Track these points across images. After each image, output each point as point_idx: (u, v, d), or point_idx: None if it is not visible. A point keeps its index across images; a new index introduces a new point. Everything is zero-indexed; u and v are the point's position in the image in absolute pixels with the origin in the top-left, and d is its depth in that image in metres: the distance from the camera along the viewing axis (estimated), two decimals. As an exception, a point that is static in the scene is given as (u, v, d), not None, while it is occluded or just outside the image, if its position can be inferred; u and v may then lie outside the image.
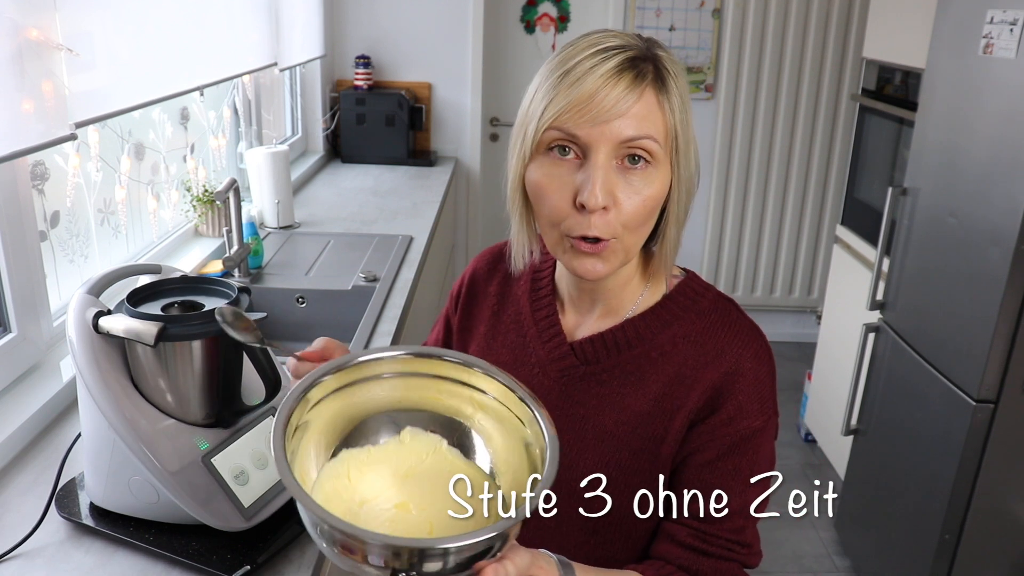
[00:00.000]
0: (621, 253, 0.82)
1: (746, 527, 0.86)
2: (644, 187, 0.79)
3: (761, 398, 0.86)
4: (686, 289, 0.90)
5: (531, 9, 3.89)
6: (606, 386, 0.89)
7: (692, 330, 0.88)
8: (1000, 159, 1.85)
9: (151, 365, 1.06)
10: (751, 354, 0.86)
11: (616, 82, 0.77)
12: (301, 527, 1.14)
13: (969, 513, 1.99)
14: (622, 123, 0.77)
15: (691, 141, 0.82)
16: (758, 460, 0.86)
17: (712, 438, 0.85)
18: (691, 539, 0.86)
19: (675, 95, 0.80)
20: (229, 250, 2.03)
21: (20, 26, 1.24)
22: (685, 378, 0.86)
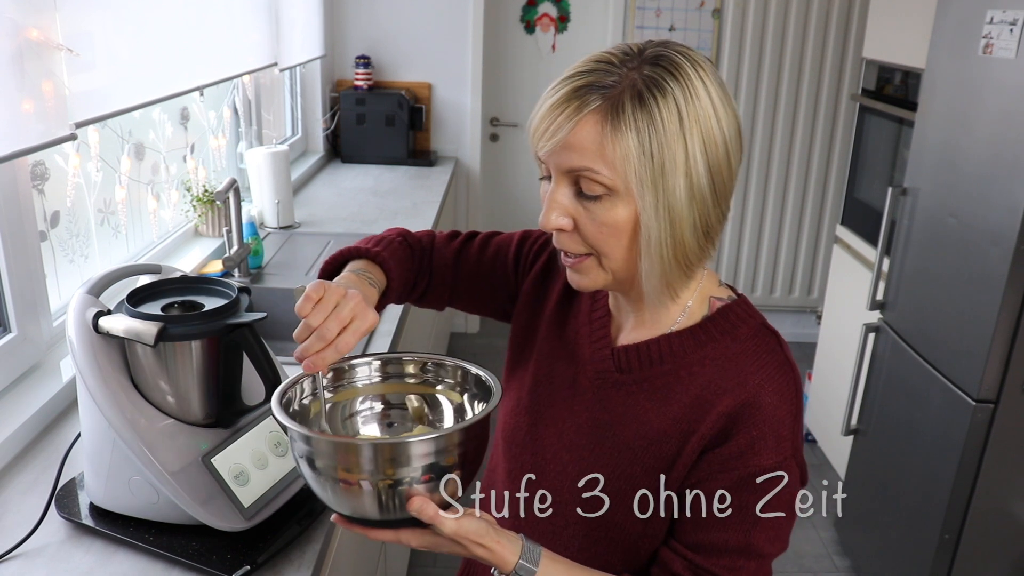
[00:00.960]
0: (600, 271, 0.83)
1: (744, 568, 0.83)
2: (601, 214, 0.79)
3: (778, 437, 0.82)
4: (729, 313, 0.88)
5: (531, 9, 3.89)
6: (633, 397, 0.89)
7: (723, 354, 0.85)
8: (1000, 159, 1.85)
9: (151, 365, 1.06)
10: (773, 389, 0.83)
11: (556, 112, 0.78)
12: (301, 527, 1.14)
13: (969, 513, 1.99)
14: (562, 154, 0.78)
15: (673, 169, 0.76)
16: (772, 503, 0.82)
17: (722, 469, 0.82)
18: (682, 570, 0.84)
19: (639, 122, 0.75)
20: (229, 250, 2.03)
21: (20, 26, 1.24)
22: (704, 402, 0.84)
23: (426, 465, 0.77)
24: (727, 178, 0.81)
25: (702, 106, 0.77)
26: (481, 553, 0.80)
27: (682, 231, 0.79)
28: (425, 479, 0.77)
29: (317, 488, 0.81)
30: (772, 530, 0.83)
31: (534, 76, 3.98)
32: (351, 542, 1.43)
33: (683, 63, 0.78)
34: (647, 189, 0.77)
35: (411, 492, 0.77)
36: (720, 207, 0.81)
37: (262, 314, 1.08)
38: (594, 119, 0.76)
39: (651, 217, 0.78)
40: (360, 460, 0.77)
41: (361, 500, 0.78)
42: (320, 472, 0.79)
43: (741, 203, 4.01)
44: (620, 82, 0.77)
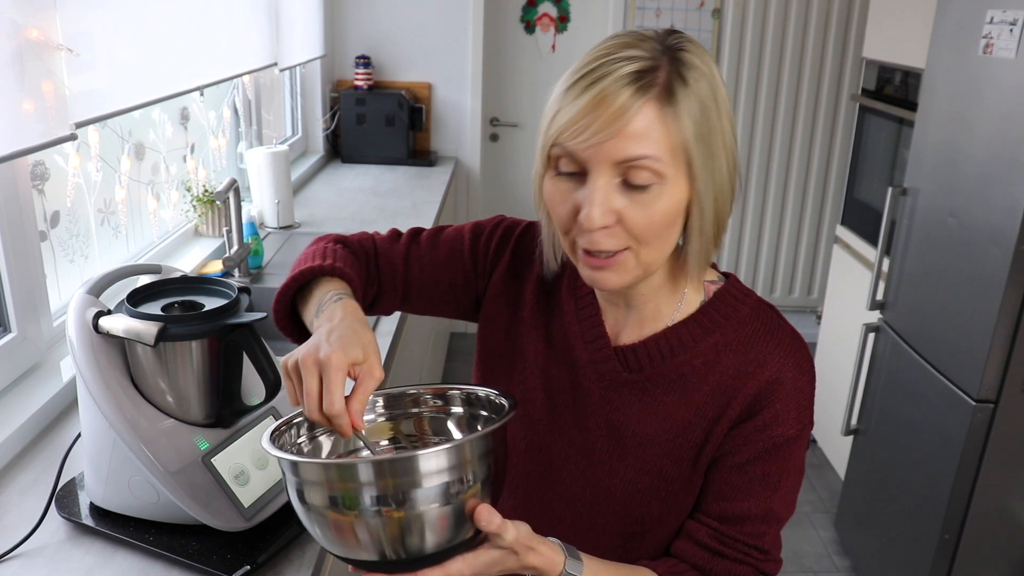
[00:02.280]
0: (636, 266, 0.80)
1: (766, 533, 0.86)
2: (651, 203, 0.76)
3: (799, 407, 0.85)
4: (726, 296, 0.88)
5: (531, 9, 3.89)
6: (649, 394, 0.88)
7: (734, 339, 0.86)
8: (1000, 159, 1.85)
9: (151, 365, 1.06)
10: (793, 364, 0.85)
11: (608, 103, 0.73)
12: (302, 527, 1.14)
13: (969, 513, 1.99)
14: (618, 143, 0.73)
15: (719, 147, 0.77)
16: (788, 468, 0.86)
17: (745, 442, 0.84)
18: (709, 539, 0.86)
19: (691, 104, 0.74)
20: (229, 250, 2.03)
21: (20, 26, 1.24)
22: (727, 387, 0.85)
23: (452, 481, 0.70)
24: (737, 151, 0.82)
25: (721, 86, 0.78)
26: (533, 560, 0.76)
27: (725, 208, 0.80)
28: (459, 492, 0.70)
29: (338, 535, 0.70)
30: (789, 495, 0.87)
31: (534, 76, 3.98)
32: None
33: (698, 47, 0.78)
34: (704, 170, 0.76)
35: (471, 504, 0.71)
36: (739, 181, 0.82)
37: (262, 314, 1.08)
38: (653, 106, 0.73)
39: (706, 198, 0.77)
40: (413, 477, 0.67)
41: (401, 536, 0.69)
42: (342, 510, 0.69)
43: (741, 203, 4.01)
44: (659, 67, 0.74)
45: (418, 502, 0.68)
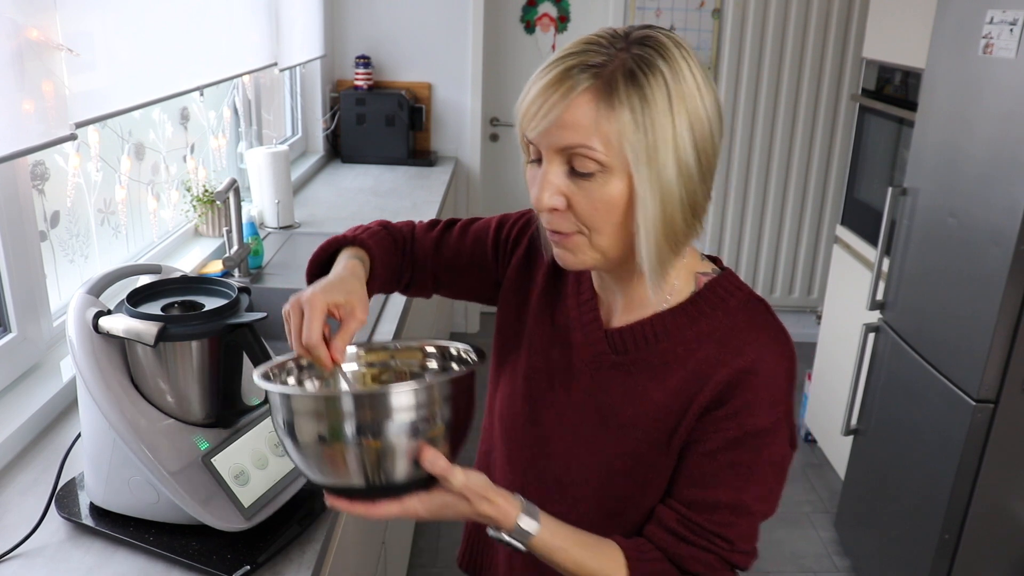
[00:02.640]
0: (591, 250, 0.84)
1: (734, 524, 0.86)
2: (594, 191, 0.80)
3: (773, 399, 0.85)
4: (716, 288, 0.90)
5: (531, 9, 3.89)
6: (632, 377, 0.90)
7: (718, 328, 0.87)
8: (1000, 159, 1.85)
9: (151, 365, 1.06)
10: (772, 356, 0.86)
11: (550, 93, 0.78)
12: (301, 528, 1.14)
13: (969, 513, 1.99)
14: (556, 133, 0.79)
15: (664, 147, 0.78)
16: (760, 461, 0.86)
17: (716, 429, 0.86)
18: (676, 524, 0.88)
19: (632, 100, 0.76)
20: (229, 250, 2.03)
21: (20, 26, 1.24)
22: (702, 374, 0.86)
23: (415, 420, 0.77)
24: (712, 155, 0.82)
25: (688, 85, 0.79)
26: (486, 509, 0.81)
27: (672, 207, 0.80)
28: (416, 434, 0.78)
29: (306, 459, 0.79)
30: (763, 489, 0.87)
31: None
32: (351, 542, 1.43)
33: (669, 44, 0.80)
34: (641, 164, 0.78)
35: (420, 446, 0.77)
36: (706, 184, 0.83)
37: (262, 314, 1.08)
38: (588, 97, 0.77)
39: (645, 189, 0.79)
40: (350, 412, 0.76)
41: (359, 464, 0.77)
42: (310, 437, 0.77)
43: (741, 203, 4.01)
44: (611, 61, 0.78)
45: (382, 434, 0.76)
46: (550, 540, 0.84)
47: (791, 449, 0.89)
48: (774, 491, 0.89)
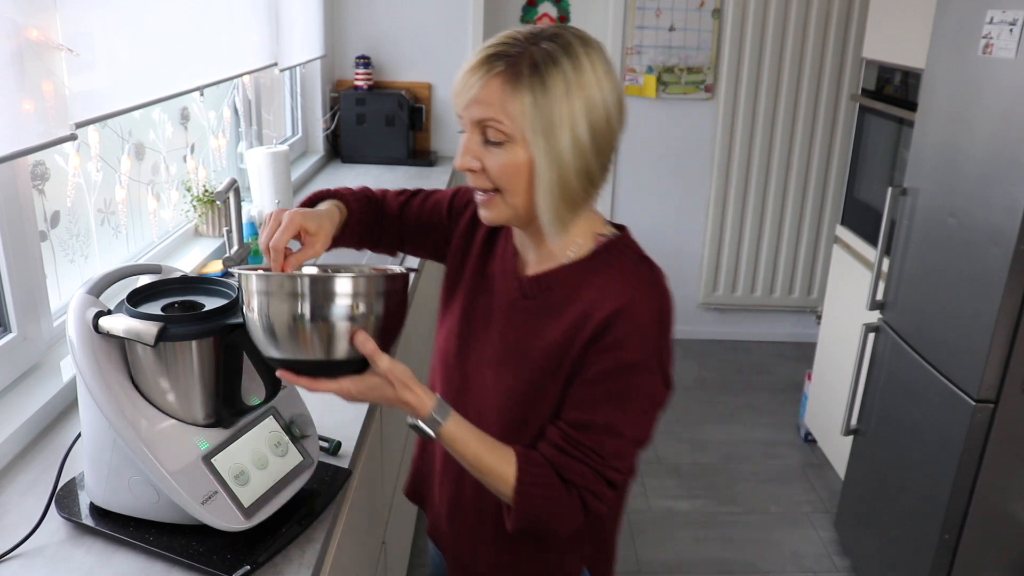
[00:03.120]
0: (506, 207, 1.02)
1: (607, 443, 1.01)
2: (502, 156, 0.98)
3: (643, 336, 1.00)
4: (612, 247, 1.07)
5: (531, 9, 3.89)
6: (536, 317, 1.07)
7: (607, 280, 1.04)
8: (1000, 159, 1.85)
9: (151, 365, 1.06)
10: (642, 300, 1.02)
11: (471, 75, 0.97)
12: (301, 528, 1.14)
13: (969, 513, 1.99)
14: (473, 107, 0.98)
15: (561, 125, 0.95)
16: (632, 390, 1.01)
17: (595, 361, 1.01)
18: (559, 439, 1.03)
19: (534, 85, 0.94)
20: (229, 250, 2.03)
21: (20, 26, 1.24)
22: (587, 315, 1.02)
23: (352, 305, 0.92)
24: (607, 135, 1.00)
25: (586, 78, 0.96)
26: (407, 395, 0.96)
27: (567, 175, 0.98)
28: (352, 320, 0.92)
29: (263, 334, 0.93)
30: (635, 416, 1.02)
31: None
32: (351, 542, 1.43)
33: (575, 43, 0.97)
34: (539, 138, 0.96)
35: (354, 330, 0.92)
36: (601, 158, 1.00)
37: (262, 314, 1.08)
38: (499, 80, 0.95)
39: (542, 162, 0.97)
40: (301, 293, 0.91)
41: (304, 339, 0.92)
42: (266, 314, 0.92)
43: (741, 203, 4.01)
44: (522, 53, 0.96)
45: (324, 314, 0.91)
46: (456, 431, 0.99)
47: (666, 388, 1.04)
48: (646, 420, 1.04)
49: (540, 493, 1.01)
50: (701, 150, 3.95)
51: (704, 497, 2.94)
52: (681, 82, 3.83)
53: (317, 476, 1.24)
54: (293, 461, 1.17)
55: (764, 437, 3.35)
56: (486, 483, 1.03)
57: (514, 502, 1.01)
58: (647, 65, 3.80)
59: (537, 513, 1.02)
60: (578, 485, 1.01)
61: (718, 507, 2.89)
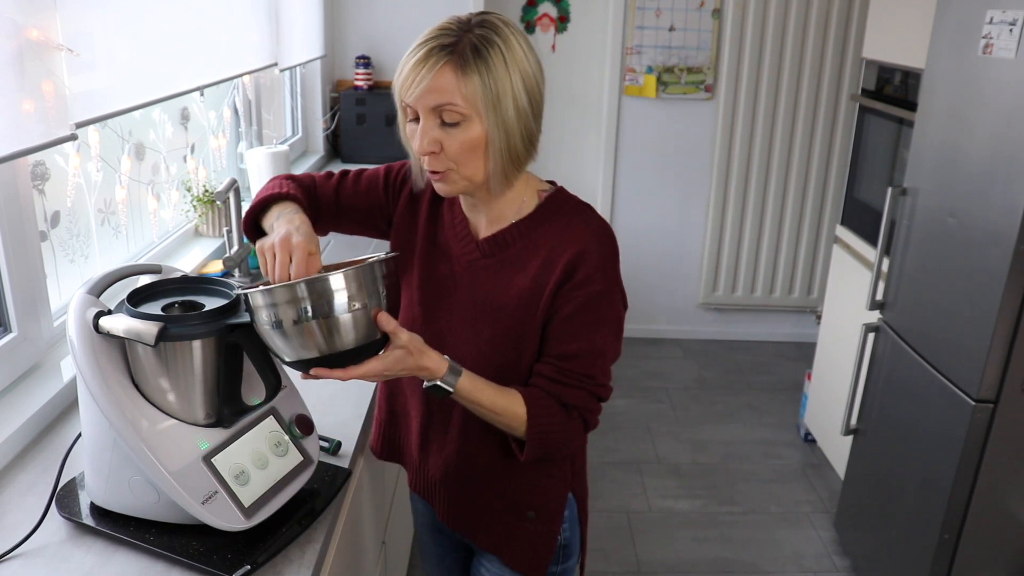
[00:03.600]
0: (461, 179, 1.13)
1: (595, 365, 1.16)
2: (459, 135, 1.08)
3: (604, 270, 1.14)
4: (554, 200, 1.20)
5: (531, 9, 3.89)
6: (500, 272, 1.18)
7: (558, 227, 1.17)
8: (1000, 159, 1.85)
9: (151, 365, 1.06)
10: (595, 240, 1.15)
11: (419, 68, 1.06)
12: (301, 528, 1.14)
13: (969, 513, 1.99)
14: (428, 96, 1.07)
15: (506, 99, 1.07)
16: (603, 316, 1.15)
17: (568, 299, 1.14)
18: (553, 373, 1.15)
19: (480, 67, 1.05)
20: (229, 250, 2.03)
21: (20, 26, 1.24)
22: (551, 261, 1.15)
23: (369, 292, 1.00)
24: (539, 98, 1.13)
25: (517, 52, 1.09)
26: (426, 362, 1.06)
27: (514, 139, 1.10)
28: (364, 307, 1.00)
29: (297, 340, 0.99)
30: (609, 338, 1.17)
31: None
32: (351, 542, 1.43)
33: (500, 25, 1.09)
34: (490, 112, 1.07)
35: (376, 311, 1.01)
36: (538, 120, 1.13)
37: (262, 314, 1.08)
38: (448, 69, 1.06)
39: (494, 131, 1.08)
40: (326, 291, 0.98)
41: (334, 334, 0.99)
42: (295, 320, 0.98)
43: (741, 203, 4.01)
44: (460, 42, 1.06)
45: (337, 310, 0.99)
46: (471, 384, 1.11)
47: (625, 307, 1.19)
48: (618, 339, 1.19)
49: (548, 422, 1.15)
50: (701, 150, 3.95)
51: (704, 497, 2.94)
52: (681, 82, 3.83)
53: (317, 476, 1.24)
54: (293, 461, 1.17)
55: (764, 437, 3.35)
56: (497, 423, 1.15)
57: (528, 435, 1.15)
58: (647, 65, 3.80)
59: (548, 440, 1.16)
60: (579, 407, 1.16)
61: (718, 507, 2.89)
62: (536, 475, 1.26)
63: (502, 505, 1.28)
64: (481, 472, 1.28)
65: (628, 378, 3.80)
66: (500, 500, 1.28)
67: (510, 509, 1.28)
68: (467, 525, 1.33)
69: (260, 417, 1.17)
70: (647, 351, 4.10)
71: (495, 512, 1.29)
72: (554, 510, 1.28)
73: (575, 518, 1.33)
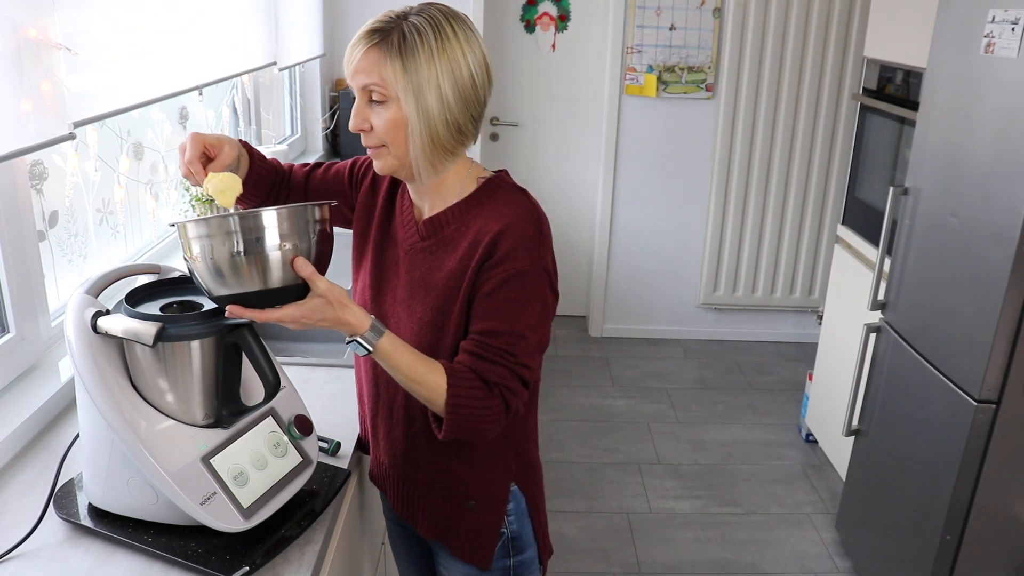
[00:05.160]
0: (393, 158, 1.17)
1: (516, 344, 1.15)
2: (384, 114, 1.14)
3: (527, 247, 1.15)
4: (490, 184, 1.23)
5: (531, 8, 3.89)
6: (435, 255, 1.22)
7: (488, 208, 1.20)
8: (1002, 159, 1.84)
9: (150, 365, 1.06)
10: (519, 219, 1.17)
11: (353, 49, 1.13)
12: (301, 528, 1.13)
13: (971, 514, 1.98)
14: (357, 76, 1.14)
15: (427, 87, 1.11)
16: (527, 295, 1.16)
17: (489, 276, 1.15)
18: (474, 347, 1.15)
19: (405, 53, 1.10)
20: (229, 250, 2.02)
21: (19, 25, 1.23)
22: (477, 240, 1.17)
23: (286, 233, 1.01)
24: (472, 92, 1.15)
25: (450, 46, 1.12)
26: (346, 315, 1.06)
27: (435, 127, 1.13)
28: (285, 250, 1.01)
29: (209, 274, 1.00)
30: (532, 319, 1.16)
31: (534, 75, 3.98)
32: (351, 543, 1.43)
33: (439, 16, 1.13)
34: (409, 98, 1.11)
35: (293, 255, 1.02)
36: (469, 112, 1.16)
37: (261, 314, 1.07)
38: (375, 51, 1.12)
39: (412, 117, 1.12)
40: (235, 229, 0.98)
41: (246, 272, 0.99)
42: (210, 255, 0.99)
43: (742, 203, 4.00)
44: (394, 27, 1.12)
45: (260, 246, 1.00)
46: (390, 345, 1.10)
47: (553, 295, 1.20)
48: (543, 323, 1.18)
49: (468, 395, 1.13)
50: (702, 149, 3.95)
51: (705, 498, 2.93)
52: (682, 81, 3.82)
53: (316, 477, 1.24)
54: (292, 462, 1.17)
55: (765, 438, 3.34)
56: (418, 394, 1.14)
57: (446, 409, 1.13)
58: (647, 64, 3.80)
59: (466, 416, 1.14)
60: (498, 384, 1.15)
61: (719, 508, 2.88)
62: (477, 465, 1.28)
63: (445, 494, 1.30)
64: (424, 460, 1.30)
65: (628, 378, 3.80)
66: (443, 489, 1.30)
67: (452, 498, 1.30)
68: (414, 514, 1.35)
69: (259, 418, 1.16)
70: (647, 351, 4.09)
71: (438, 500, 1.31)
72: (496, 501, 1.30)
73: (523, 511, 1.33)
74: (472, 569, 1.33)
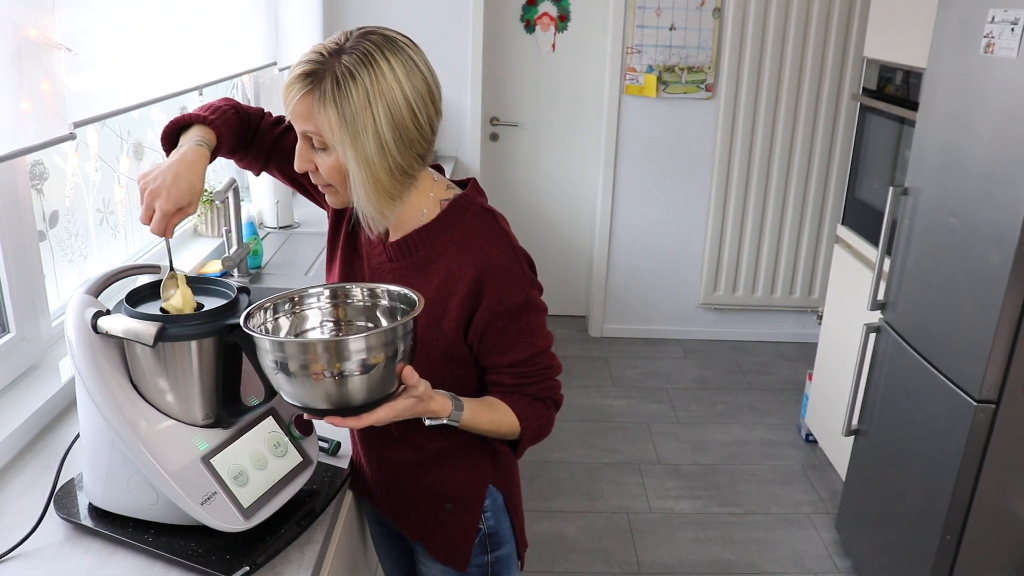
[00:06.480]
0: (343, 196, 1.15)
1: (542, 358, 1.22)
2: (326, 161, 1.10)
3: (515, 281, 1.17)
4: (455, 205, 1.20)
5: (531, 8, 3.89)
6: (405, 277, 1.20)
7: (459, 236, 1.18)
8: (1002, 159, 1.84)
9: (150, 365, 1.06)
10: (497, 252, 1.16)
11: (288, 90, 1.08)
12: (301, 528, 1.13)
13: (971, 514, 1.98)
14: (296, 121, 1.10)
15: (365, 132, 1.05)
16: (533, 317, 1.20)
17: (494, 317, 1.16)
18: (513, 379, 1.21)
19: (340, 100, 1.04)
20: (228, 250, 2.03)
21: (19, 25, 1.24)
22: (454, 273, 1.17)
23: (398, 348, 0.99)
24: (414, 130, 1.09)
25: (387, 83, 1.06)
26: (434, 406, 1.09)
27: (378, 173, 1.09)
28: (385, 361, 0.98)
29: (313, 393, 0.96)
30: (541, 332, 1.22)
31: (534, 76, 3.98)
32: (351, 543, 1.43)
33: (374, 52, 1.07)
34: (346, 146, 1.07)
35: (401, 367, 1.00)
36: (412, 150, 1.11)
37: (261, 314, 1.07)
38: (308, 98, 1.06)
39: (351, 164, 1.08)
40: (349, 351, 0.95)
41: (354, 390, 0.97)
42: (313, 374, 0.95)
43: (742, 203, 4.00)
44: (326, 70, 1.05)
45: (372, 364, 0.97)
46: (471, 414, 1.15)
47: (541, 298, 1.23)
48: (547, 328, 1.24)
49: (535, 418, 1.23)
50: (702, 149, 3.95)
51: (705, 498, 2.93)
52: (682, 81, 3.82)
53: (316, 477, 1.24)
54: (292, 462, 1.17)
55: (765, 437, 3.34)
56: (497, 435, 1.21)
57: (525, 436, 1.23)
58: (647, 64, 3.80)
59: (537, 435, 1.26)
60: (549, 397, 1.25)
61: (719, 508, 2.88)
62: (452, 469, 1.30)
63: (423, 495, 1.32)
64: (402, 463, 1.31)
65: (628, 378, 3.80)
66: (421, 491, 1.32)
67: (430, 500, 1.32)
68: (395, 513, 1.37)
69: (259, 418, 1.16)
70: (647, 351, 4.10)
71: (416, 502, 1.33)
72: (473, 503, 1.32)
73: (500, 508, 1.35)
74: (450, 570, 1.35)
